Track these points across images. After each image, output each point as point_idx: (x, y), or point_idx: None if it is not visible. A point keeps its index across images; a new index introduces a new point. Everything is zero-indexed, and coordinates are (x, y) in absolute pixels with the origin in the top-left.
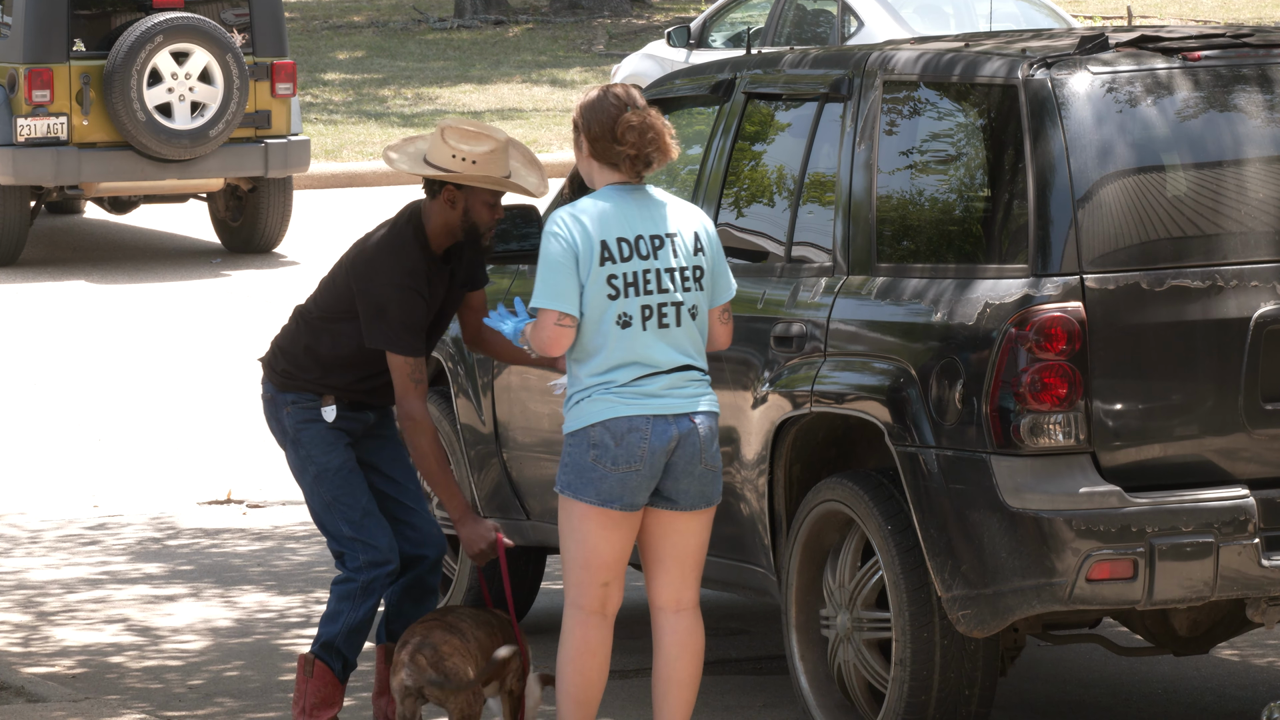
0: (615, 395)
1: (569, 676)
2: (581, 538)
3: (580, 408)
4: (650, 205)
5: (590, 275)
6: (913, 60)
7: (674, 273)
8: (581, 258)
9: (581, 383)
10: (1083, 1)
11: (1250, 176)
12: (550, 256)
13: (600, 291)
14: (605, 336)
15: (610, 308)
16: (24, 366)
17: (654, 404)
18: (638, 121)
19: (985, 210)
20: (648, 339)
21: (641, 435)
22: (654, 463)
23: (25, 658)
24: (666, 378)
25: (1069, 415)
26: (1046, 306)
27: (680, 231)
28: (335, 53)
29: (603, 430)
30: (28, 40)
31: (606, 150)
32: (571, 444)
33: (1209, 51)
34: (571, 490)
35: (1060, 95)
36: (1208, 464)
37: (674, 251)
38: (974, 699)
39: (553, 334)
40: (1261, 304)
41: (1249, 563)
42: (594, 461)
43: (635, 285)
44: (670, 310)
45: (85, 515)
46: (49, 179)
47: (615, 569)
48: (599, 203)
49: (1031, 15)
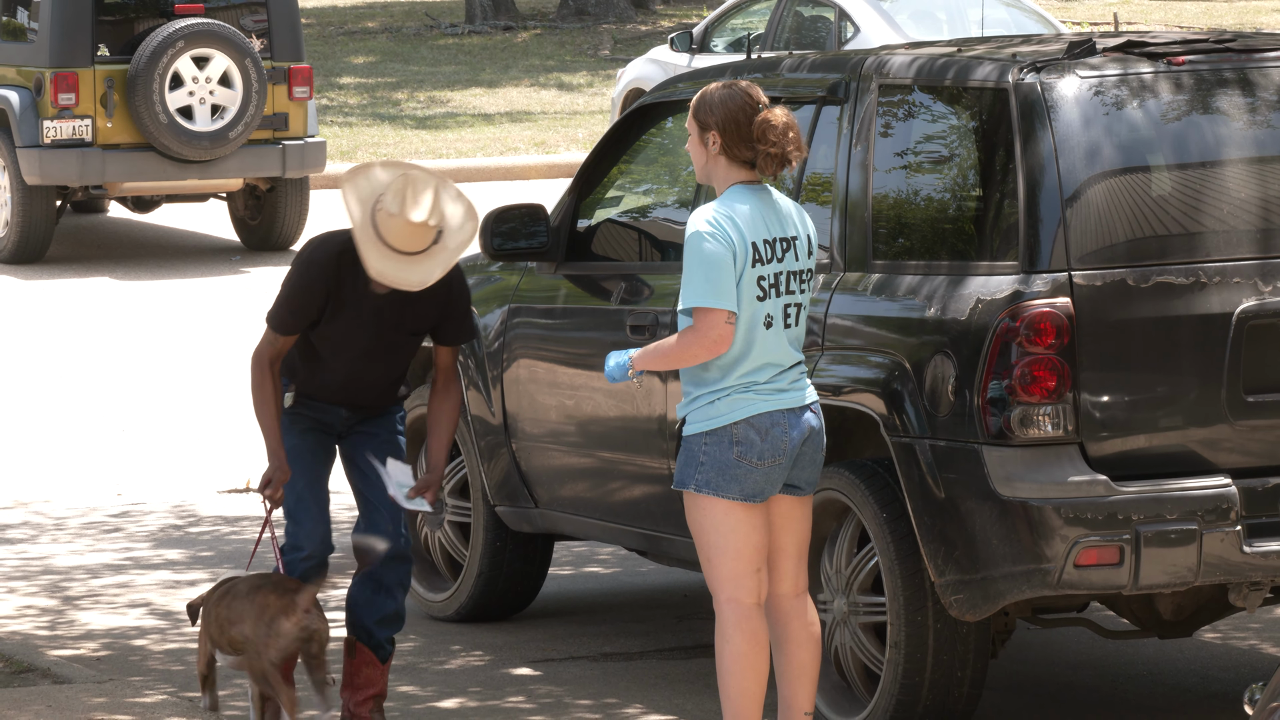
0: (754, 393)
1: (748, 674)
2: (729, 530)
3: (716, 406)
4: (779, 207)
5: (743, 276)
6: (907, 65)
7: (797, 275)
8: (737, 258)
9: (715, 382)
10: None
11: (1232, 176)
12: (711, 256)
13: (750, 293)
14: (752, 336)
15: (759, 309)
16: (50, 360)
17: (785, 399)
18: (779, 121)
19: (977, 209)
20: (781, 338)
21: (783, 429)
22: (792, 454)
23: (51, 641)
24: (790, 373)
25: (1058, 407)
26: (1036, 302)
27: (801, 234)
28: (350, 57)
29: (747, 427)
30: (54, 45)
31: (741, 149)
32: (709, 442)
33: (1192, 56)
34: (712, 488)
35: (1049, 98)
36: (1192, 454)
37: (796, 255)
38: (966, 680)
39: (724, 332)
40: (1243, 299)
41: (1231, 549)
42: (738, 458)
43: (776, 287)
44: (794, 311)
45: (109, 503)
46: (74, 179)
47: (764, 556)
48: (741, 204)
49: (1021, 21)
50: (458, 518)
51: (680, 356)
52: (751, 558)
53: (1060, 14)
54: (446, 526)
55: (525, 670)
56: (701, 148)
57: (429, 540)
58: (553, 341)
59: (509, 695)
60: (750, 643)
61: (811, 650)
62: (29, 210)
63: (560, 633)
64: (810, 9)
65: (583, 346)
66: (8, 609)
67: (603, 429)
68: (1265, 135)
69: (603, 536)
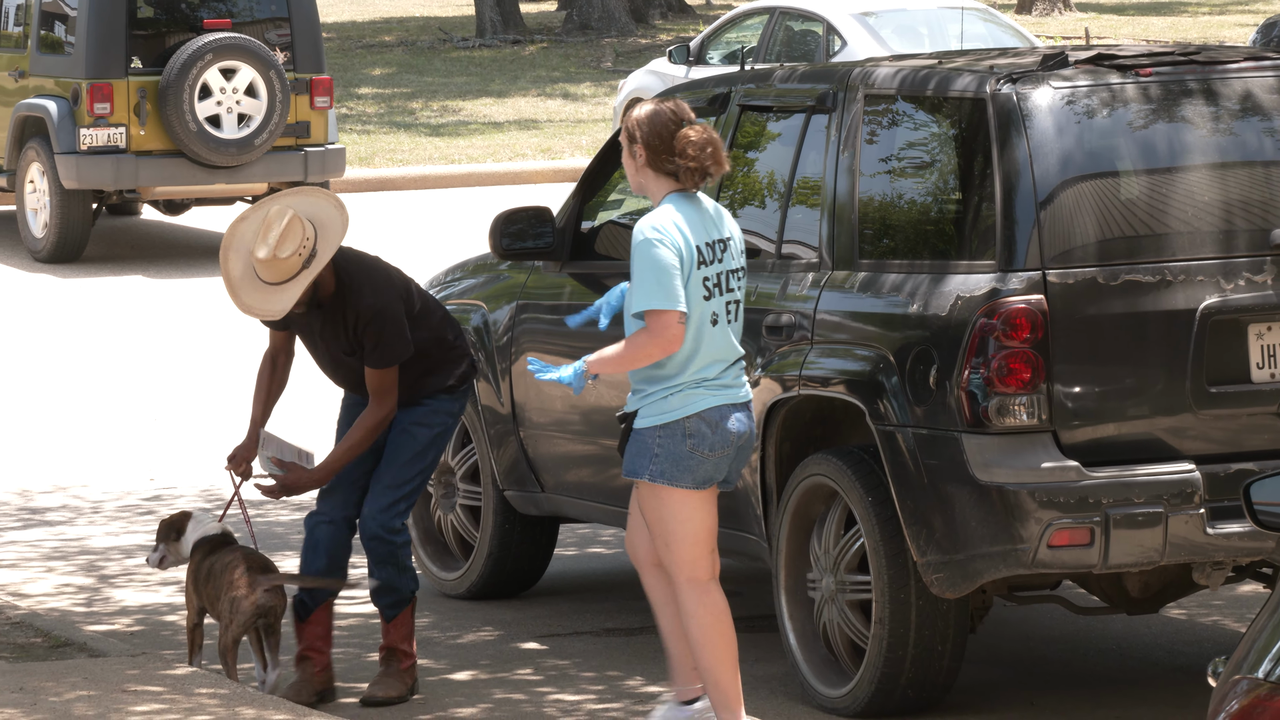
0: (705, 389)
1: (714, 643)
2: (686, 517)
3: (669, 401)
4: (710, 212)
5: (690, 278)
6: (891, 76)
7: (735, 273)
8: (685, 261)
9: (669, 379)
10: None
11: (1196, 181)
12: (660, 260)
13: (698, 293)
14: (701, 334)
15: (706, 308)
16: (85, 354)
17: (731, 393)
18: (698, 136)
19: (957, 212)
20: (726, 334)
21: (730, 421)
22: (738, 444)
23: (88, 617)
24: (733, 369)
25: (1032, 397)
26: (1012, 299)
27: (732, 235)
28: (368, 69)
29: (699, 421)
30: (90, 58)
31: (665, 162)
32: (663, 435)
33: (1158, 68)
34: (667, 478)
35: (1024, 108)
36: (1158, 441)
37: (732, 254)
38: (946, 654)
39: (676, 332)
40: (1206, 296)
41: (1195, 531)
42: (691, 450)
43: (719, 286)
44: (734, 308)
45: (142, 487)
46: (109, 183)
47: (715, 535)
48: (680, 210)
49: (998, 35)
50: (469, 501)
51: (635, 357)
52: (706, 540)
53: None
54: (459, 510)
55: (533, 645)
56: (631, 160)
57: (442, 523)
58: (558, 335)
59: (518, 668)
60: (713, 615)
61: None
62: (67, 213)
63: (565, 609)
64: (800, 24)
65: (586, 340)
66: (47, 587)
67: (605, 418)
68: (1227, 142)
69: (605, 519)
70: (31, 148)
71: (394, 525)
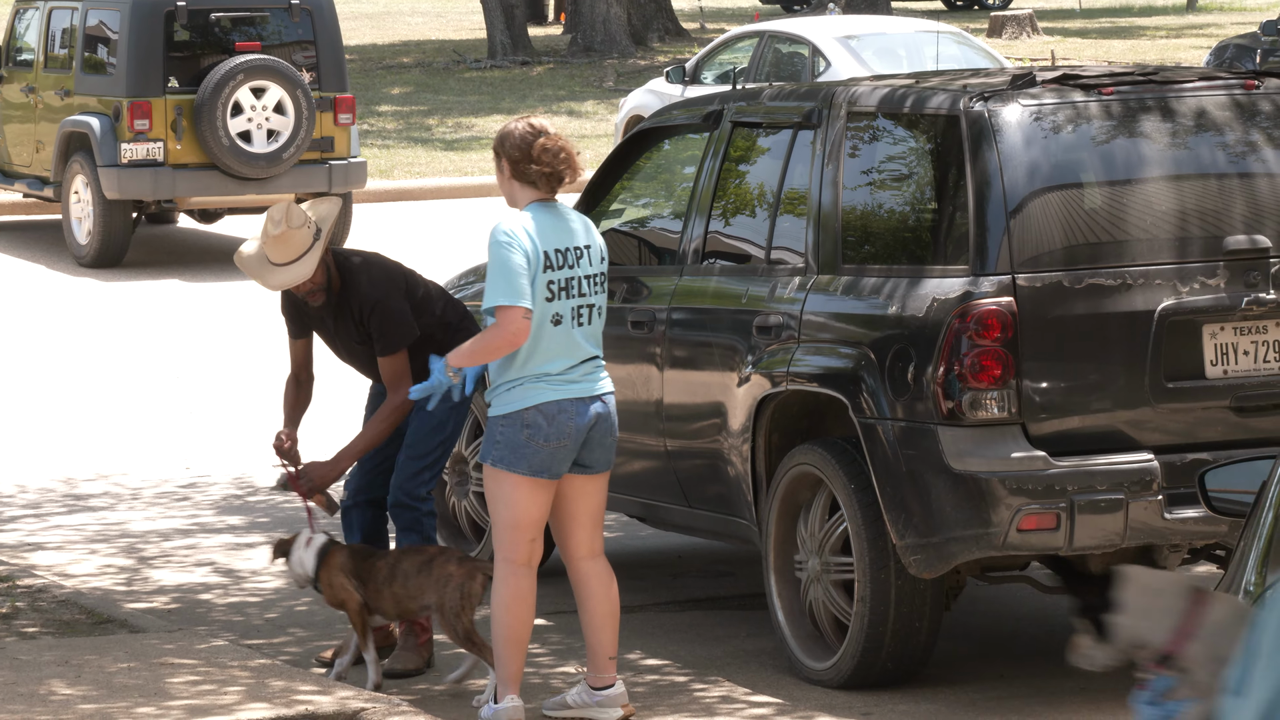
0: (545, 384)
1: (505, 621)
2: (512, 503)
3: (512, 394)
4: (570, 220)
5: (535, 280)
6: (872, 94)
7: (590, 279)
8: (531, 263)
9: (513, 373)
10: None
11: (1155, 192)
12: (508, 261)
13: (541, 295)
14: (541, 333)
15: (547, 309)
16: (126, 352)
17: (575, 389)
18: (551, 144)
19: (932, 220)
20: (573, 335)
21: (569, 416)
22: (578, 437)
23: (128, 595)
24: (582, 367)
25: (1003, 392)
26: (984, 301)
27: (592, 244)
28: (388, 88)
29: (536, 413)
30: (130, 78)
31: (525, 170)
32: (505, 424)
33: (1120, 87)
34: (505, 464)
35: (995, 124)
36: (1119, 433)
37: (590, 261)
38: (923, 630)
39: (521, 327)
40: (1164, 299)
41: (1154, 516)
42: (527, 440)
43: (566, 289)
44: (587, 311)
45: (178, 475)
46: (148, 194)
47: (539, 528)
48: (535, 218)
49: (971, 57)
50: (480, 489)
51: (485, 350)
52: (528, 528)
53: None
54: (472, 496)
55: (539, 621)
56: (500, 173)
57: (456, 508)
58: None
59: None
60: (514, 596)
61: (609, 604)
62: (109, 221)
63: (569, 588)
64: (788, 46)
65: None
66: (90, 568)
67: None
68: (1183, 155)
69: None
70: (76, 161)
71: (419, 493)
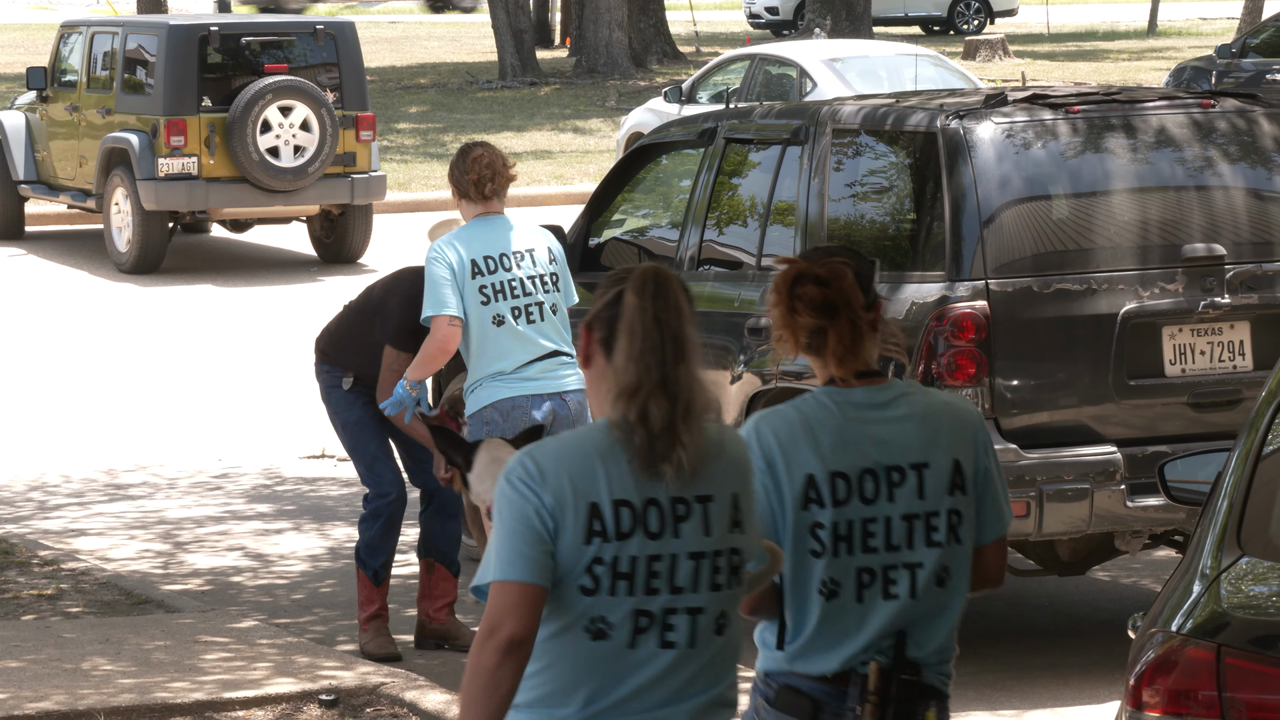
0: (500, 381)
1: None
2: None
3: (475, 394)
4: (507, 229)
5: (465, 287)
6: (855, 113)
7: (535, 279)
8: (457, 273)
9: (473, 376)
10: (986, 68)
11: (1118, 203)
12: (435, 274)
13: (475, 299)
14: (485, 334)
15: (485, 312)
16: (163, 352)
17: (531, 385)
18: (480, 154)
19: (911, 229)
20: (523, 333)
21: (523, 411)
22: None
23: (165, 578)
24: (540, 364)
25: (977, 389)
26: (959, 305)
27: (539, 246)
28: (406, 107)
29: (493, 410)
30: (166, 97)
31: (463, 184)
32: (471, 423)
33: (1086, 106)
34: None
35: (970, 140)
36: (1085, 427)
37: (534, 261)
38: None
39: (447, 333)
40: (1126, 303)
41: (1117, 504)
42: (486, 436)
43: (503, 292)
44: (536, 309)
45: (211, 466)
46: (183, 205)
47: None
48: (465, 231)
49: (947, 78)
50: None
51: (424, 360)
52: None
53: (978, 72)
54: None
55: None
56: (455, 201)
57: None
58: None
59: None
60: None
61: None
62: (146, 231)
63: None
64: (777, 69)
65: None
66: (129, 552)
67: None
68: (1145, 169)
69: None
70: (116, 175)
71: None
